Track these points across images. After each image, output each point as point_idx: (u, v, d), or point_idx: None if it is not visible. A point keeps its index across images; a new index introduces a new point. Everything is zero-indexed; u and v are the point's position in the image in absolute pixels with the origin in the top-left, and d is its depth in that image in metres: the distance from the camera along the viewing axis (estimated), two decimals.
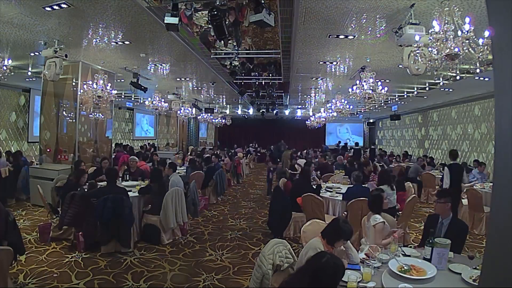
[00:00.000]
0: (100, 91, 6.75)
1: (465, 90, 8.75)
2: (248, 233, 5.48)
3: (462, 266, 2.36)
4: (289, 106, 16.21)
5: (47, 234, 4.60)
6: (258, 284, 2.48)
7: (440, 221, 3.01)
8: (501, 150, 1.04)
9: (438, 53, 3.12)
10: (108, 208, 4.16)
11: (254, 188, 10.05)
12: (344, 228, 2.49)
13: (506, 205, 1.00)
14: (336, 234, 2.49)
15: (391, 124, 17.42)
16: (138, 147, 14.67)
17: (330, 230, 2.55)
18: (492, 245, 1.09)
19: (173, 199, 4.87)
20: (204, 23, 5.61)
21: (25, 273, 3.60)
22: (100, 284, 3.47)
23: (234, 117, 20.10)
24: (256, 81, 9.35)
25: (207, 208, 7.01)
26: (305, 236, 3.18)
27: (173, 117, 16.14)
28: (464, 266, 2.37)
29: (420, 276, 2.20)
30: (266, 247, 2.63)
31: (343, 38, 5.08)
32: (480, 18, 3.74)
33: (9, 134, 9.50)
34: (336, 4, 3.86)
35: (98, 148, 7.82)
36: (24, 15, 4.37)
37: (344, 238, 2.49)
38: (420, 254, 2.62)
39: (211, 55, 6.94)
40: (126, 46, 5.89)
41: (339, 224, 2.53)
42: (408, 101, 11.55)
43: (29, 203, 6.76)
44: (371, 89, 6.32)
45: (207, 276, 3.78)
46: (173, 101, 11.67)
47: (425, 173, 8.45)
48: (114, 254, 4.23)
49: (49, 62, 5.47)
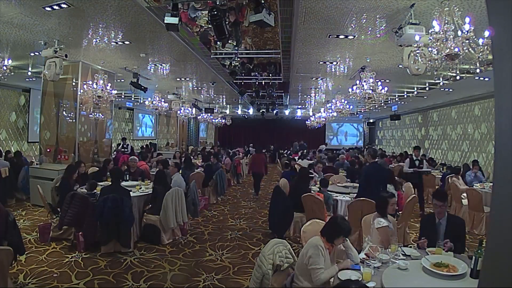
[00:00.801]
0: (100, 91, 6.76)
1: (465, 90, 8.76)
2: (248, 233, 5.48)
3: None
4: (289, 106, 16.22)
5: (47, 234, 4.59)
6: (258, 284, 2.48)
7: (438, 221, 3.03)
8: (501, 150, 1.03)
9: (438, 53, 3.12)
10: (108, 208, 4.16)
11: None
12: (342, 225, 2.51)
13: (506, 205, 1.00)
14: (335, 231, 2.51)
15: (391, 124, 17.42)
16: (138, 147, 14.69)
17: (329, 228, 2.58)
18: (492, 245, 1.09)
19: (173, 199, 4.87)
20: (204, 23, 5.60)
21: (25, 273, 3.60)
22: (100, 284, 3.47)
23: (234, 117, 20.10)
24: (256, 81, 9.35)
25: (207, 208, 7.01)
26: (305, 236, 3.19)
27: (173, 117, 16.14)
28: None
29: (454, 272, 2.26)
30: (266, 247, 2.63)
31: (343, 38, 5.08)
32: (480, 18, 3.74)
33: (9, 134, 9.50)
34: (336, 4, 3.86)
35: (98, 148, 7.83)
36: (24, 15, 4.37)
37: (343, 234, 2.51)
38: (420, 254, 2.64)
39: (211, 55, 6.94)
40: (126, 46, 5.89)
41: (337, 221, 2.56)
42: (408, 101, 11.55)
43: (29, 203, 6.76)
44: (371, 89, 6.32)
45: (207, 276, 3.78)
46: (173, 101, 11.67)
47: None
48: (114, 254, 4.23)
49: (49, 62, 5.47)
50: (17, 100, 9.76)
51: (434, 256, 2.53)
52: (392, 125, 17.41)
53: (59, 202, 4.91)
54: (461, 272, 2.25)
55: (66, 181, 4.97)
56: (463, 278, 2.23)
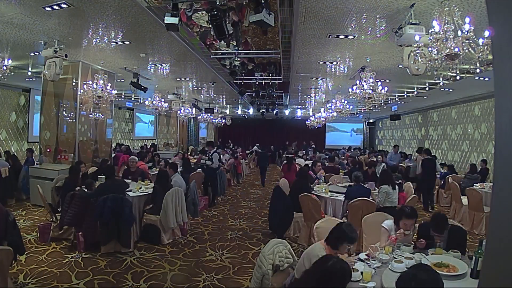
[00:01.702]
0: (100, 91, 6.75)
1: (465, 90, 8.75)
2: (248, 233, 5.48)
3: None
4: (289, 106, 16.22)
5: (47, 234, 4.60)
6: (259, 284, 2.48)
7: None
8: (501, 150, 1.04)
9: (438, 53, 3.11)
10: (108, 208, 4.16)
11: (254, 188, 10.05)
12: (347, 231, 2.44)
13: (506, 205, 1.00)
14: (340, 237, 2.44)
15: (391, 124, 17.41)
16: (138, 147, 14.68)
17: (334, 234, 2.50)
18: (492, 245, 1.09)
19: (173, 199, 4.87)
20: (204, 23, 5.60)
21: (25, 273, 3.60)
22: (100, 284, 3.47)
23: (234, 117, 20.08)
24: (256, 81, 9.35)
25: (207, 208, 7.01)
26: (318, 232, 3.20)
27: (173, 117, 16.14)
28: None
29: (454, 272, 2.27)
30: (266, 247, 2.63)
31: (343, 38, 5.07)
32: (480, 18, 3.74)
33: (9, 134, 9.50)
34: (336, 4, 3.86)
35: (98, 148, 7.83)
36: (24, 15, 4.37)
37: (348, 241, 2.43)
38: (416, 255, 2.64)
39: (211, 55, 6.94)
40: (126, 46, 5.89)
41: (343, 227, 2.49)
42: (408, 101, 11.54)
43: (29, 203, 6.76)
44: (371, 89, 6.32)
45: (207, 276, 3.79)
46: (173, 101, 11.66)
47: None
48: (114, 254, 4.23)
49: (49, 62, 5.47)
50: (17, 100, 9.76)
51: (435, 256, 2.53)
52: (392, 125, 17.41)
53: (59, 202, 4.92)
54: (461, 272, 2.26)
55: (70, 183, 4.93)
56: (463, 278, 2.24)
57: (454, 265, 2.34)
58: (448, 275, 2.22)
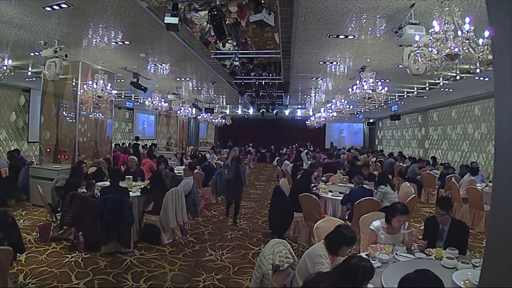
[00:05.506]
0: (100, 91, 6.75)
1: (465, 90, 8.75)
2: (248, 233, 5.48)
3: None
4: (289, 106, 16.21)
5: (47, 234, 4.59)
6: (259, 284, 2.48)
7: (441, 227, 2.99)
8: (501, 150, 1.04)
9: (438, 53, 3.11)
10: (108, 208, 4.16)
11: (254, 188, 10.04)
12: (346, 234, 2.42)
13: (506, 205, 1.00)
14: (338, 240, 2.42)
15: (391, 124, 17.41)
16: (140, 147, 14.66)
17: (332, 238, 2.47)
18: (492, 245, 1.09)
19: (173, 199, 4.87)
20: (204, 23, 5.60)
21: (25, 273, 3.60)
22: (100, 284, 3.47)
23: (234, 117, 20.09)
24: (256, 81, 9.35)
25: (207, 208, 7.01)
26: (318, 232, 3.19)
27: (173, 117, 16.14)
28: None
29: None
30: (266, 247, 2.63)
31: (343, 38, 5.07)
32: (480, 18, 3.74)
33: (9, 134, 9.50)
34: (336, 4, 3.86)
35: (98, 148, 7.82)
36: (24, 15, 4.36)
37: (346, 244, 2.41)
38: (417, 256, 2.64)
39: (211, 55, 6.93)
40: (126, 46, 5.89)
41: (341, 230, 2.46)
42: (408, 101, 11.54)
43: (29, 203, 6.76)
44: (371, 89, 6.32)
45: (207, 276, 3.78)
46: (173, 101, 11.67)
47: (426, 173, 8.44)
48: (114, 254, 4.23)
49: (49, 62, 5.47)
50: (17, 100, 9.76)
51: (463, 271, 2.38)
52: (392, 125, 17.40)
53: (59, 202, 4.92)
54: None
55: (73, 183, 4.91)
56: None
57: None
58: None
